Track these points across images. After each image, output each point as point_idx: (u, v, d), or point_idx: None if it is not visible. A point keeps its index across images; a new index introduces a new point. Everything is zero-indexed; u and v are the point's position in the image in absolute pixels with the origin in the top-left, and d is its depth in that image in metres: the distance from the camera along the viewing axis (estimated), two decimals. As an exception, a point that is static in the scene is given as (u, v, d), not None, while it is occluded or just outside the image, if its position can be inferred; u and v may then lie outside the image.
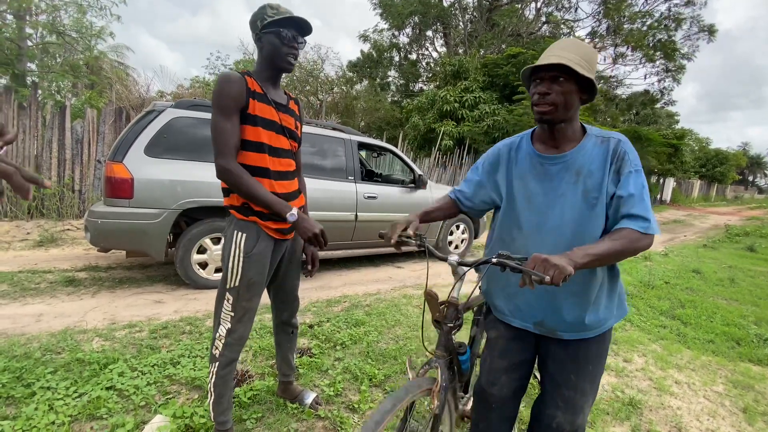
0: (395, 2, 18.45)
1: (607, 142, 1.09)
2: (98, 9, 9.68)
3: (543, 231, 1.13)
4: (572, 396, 1.16)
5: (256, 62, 1.46)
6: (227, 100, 1.31)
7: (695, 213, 18.92)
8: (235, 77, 1.33)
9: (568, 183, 1.10)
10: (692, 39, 17.89)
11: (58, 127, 5.53)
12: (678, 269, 5.65)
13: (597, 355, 1.18)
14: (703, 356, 2.86)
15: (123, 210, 3.08)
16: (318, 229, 1.39)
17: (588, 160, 1.09)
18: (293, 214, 1.35)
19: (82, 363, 2.06)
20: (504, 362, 1.26)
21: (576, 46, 1.06)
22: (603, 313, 1.15)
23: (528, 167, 1.18)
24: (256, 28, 1.38)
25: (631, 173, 1.05)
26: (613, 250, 0.98)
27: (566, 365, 1.18)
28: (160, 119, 3.21)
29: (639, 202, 1.02)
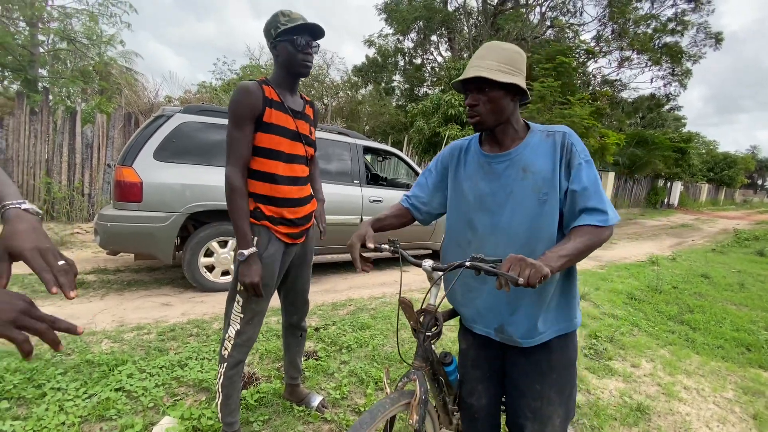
0: (400, 8, 18.57)
1: (552, 135, 1.09)
2: (109, 17, 9.85)
3: (497, 230, 1.11)
4: (538, 406, 1.14)
5: (273, 69, 1.48)
6: (241, 111, 1.35)
7: (703, 217, 18.71)
8: (252, 88, 1.36)
9: (516, 180, 1.09)
10: (699, 45, 17.79)
11: (68, 131, 5.62)
12: (686, 274, 5.59)
13: (561, 363, 1.16)
14: (713, 362, 2.83)
15: (132, 213, 3.12)
16: (250, 280, 1.35)
17: (534, 155, 1.08)
18: (242, 253, 1.34)
19: (91, 364, 2.08)
20: (477, 372, 1.26)
21: (496, 52, 1.05)
22: (556, 317, 1.13)
23: (476, 168, 1.17)
24: (270, 36, 1.41)
25: (582, 165, 1.04)
26: (583, 246, 0.97)
27: (529, 374, 1.16)
28: (169, 124, 3.26)
29: (594, 194, 1.01)
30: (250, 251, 1.36)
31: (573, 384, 1.19)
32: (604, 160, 12.26)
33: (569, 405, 1.19)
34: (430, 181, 1.30)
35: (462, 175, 1.20)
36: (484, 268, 0.93)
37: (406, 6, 18.40)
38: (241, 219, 1.37)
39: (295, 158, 1.50)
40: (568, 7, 18.71)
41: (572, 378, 1.19)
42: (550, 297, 1.11)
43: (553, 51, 12.73)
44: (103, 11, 9.81)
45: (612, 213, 1.02)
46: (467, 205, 1.17)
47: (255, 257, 1.37)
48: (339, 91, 17.85)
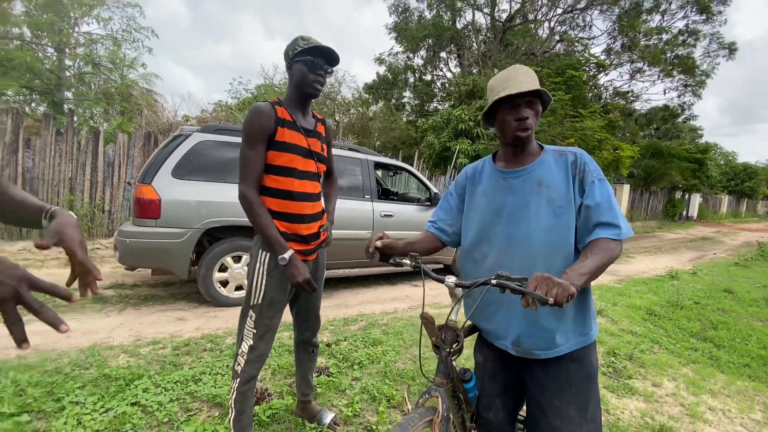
0: (409, 27, 18.96)
1: (565, 155, 1.15)
2: (131, 42, 10.34)
3: (514, 242, 1.14)
4: (558, 425, 1.12)
5: (288, 90, 1.54)
6: (254, 131, 1.40)
7: (724, 229, 18.16)
8: (265, 109, 1.42)
9: (531, 194, 1.13)
10: (712, 56, 17.63)
11: (92, 151, 5.85)
12: (708, 289, 5.42)
13: (580, 377, 1.14)
14: (739, 381, 2.72)
15: (150, 230, 3.21)
16: (302, 278, 1.41)
17: (548, 171, 1.14)
18: (284, 258, 1.39)
19: (108, 378, 2.12)
20: (495, 386, 1.26)
21: (528, 73, 1.14)
22: (573, 329, 1.14)
23: (492, 183, 1.23)
24: (288, 57, 1.48)
25: (594, 182, 1.09)
26: (600, 263, 1.00)
27: (548, 389, 1.15)
28: (187, 143, 3.37)
29: (607, 209, 1.05)
30: (290, 254, 1.40)
31: (595, 402, 1.16)
32: (619, 173, 12.09)
33: (593, 427, 1.14)
34: (453, 204, 1.35)
35: (478, 191, 1.26)
36: (511, 287, 0.94)
37: (416, 25, 18.79)
38: (269, 228, 1.40)
39: (308, 175, 1.54)
40: (576, 21, 18.83)
41: (593, 395, 1.16)
42: (566, 310, 1.11)
43: (563, 65, 12.78)
44: (126, 37, 10.29)
45: (625, 227, 1.05)
46: (484, 219, 1.21)
47: (295, 258, 1.42)
48: (350, 108, 18.17)
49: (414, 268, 1.22)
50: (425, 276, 1.20)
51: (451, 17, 19.19)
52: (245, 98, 15.85)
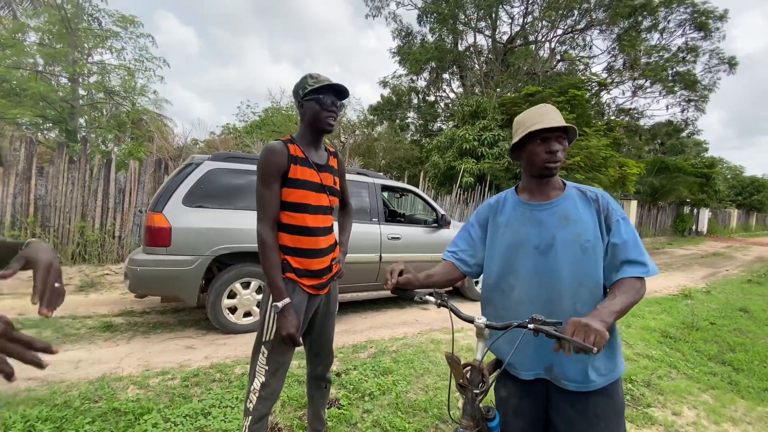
0: (413, 50, 19.42)
1: (586, 193, 1.20)
2: (144, 71, 10.68)
3: (541, 273, 1.16)
4: None
5: (300, 127, 1.58)
6: (269, 170, 1.44)
7: (735, 244, 17.87)
8: (278, 148, 1.46)
9: (559, 227, 1.16)
10: (712, 71, 17.78)
11: (103, 178, 5.97)
12: (723, 308, 5.30)
13: (608, 412, 1.14)
14: (759, 407, 2.63)
15: (161, 258, 3.24)
16: (287, 332, 1.40)
17: (574, 206, 1.18)
18: (277, 306, 1.41)
19: (118, 413, 2.10)
20: (520, 422, 1.23)
21: (557, 111, 1.20)
22: (605, 365, 1.14)
23: (517, 216, 1.24)
24: (299, 96, 1.52)
25: (620, 222, 1.13)
26: (629, 302, 1.02)
27: (575, 423, 1.14)
28: (198, 171, 3.44)
29: (633, 247, 1.09)
30: (284, 303, 1.41)
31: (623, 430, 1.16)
32: (625, 189, 12.05)
33: None
34: (474, 235, 1.34)
35: (502, 223, 1.27)
36: (549, 332, 0.94)
37: (419, 48, 19.24)
38: (274, 272, 1.42)
39: (321, 209, 1.57)
40: (577, 41, 19.17)
41: (621, 428, 1.15)
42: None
43: (565, 84, 12.94)
44: (138, 66, 10.63)
45: (651, 265, 1.08)
46: (509, 250, 1.22)
47: (290, 308, 1.42)
48: (356, 130, 18.46)
49: (439, 306, 1.20)
50: (453, 315, 1.19)
51: (453, 40, 19.65)
52: (253, 121, 16.20)
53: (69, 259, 5.67)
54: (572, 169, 10.13)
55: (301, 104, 1.53)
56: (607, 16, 16.66)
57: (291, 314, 1.42)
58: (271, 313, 1.46)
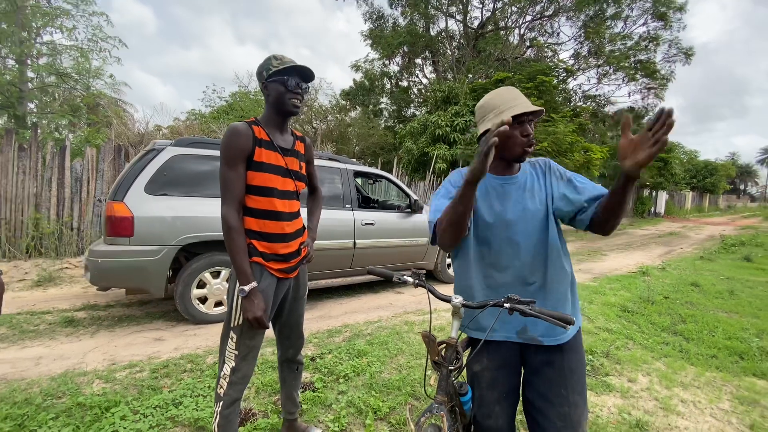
0: (384, 34, 19.16)
1: (537, 164, 1.33)
2: (98, 52, 10.00)
3: (512, 244, 1.24)
4: (567, 412, 1.20)
5: (265, 109, 1.54)
6: (233, 152, 1.40)
7: (690, 224, 19.07)
8: (242, 129, 1.42)
9: (525, 198, 1.27)
10: (671, 60, 18.57)
11: (57, 166, 5.61)
12: (676, 283, 5.67)
13: (579, 362, 1.26)
14: (708, 372, 2.86)
15: (123, 248, 3.11)
16: (252, 315, 1.38)
17: (531, 179, 1.30)
18: (243, 289, 1.38)
19: (83, 407, 2.03)
20: (494, 393, 1.29)
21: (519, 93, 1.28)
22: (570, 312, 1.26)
23: (489, 190, 1.29)
24: (262, 78, 1.48)
25: (570, 176, 1.27)
26: None
27: (553, 380, 1.23)
28: (160, 157, 3.29)
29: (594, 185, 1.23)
30: (251, 286, 1.39)
31: (586, 385, 1.29)
32: (590, 174, 12.52)
33: (586, 404, 1.27)
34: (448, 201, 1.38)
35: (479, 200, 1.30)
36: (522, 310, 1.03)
37: (390, 32, 19.00)
38: (240, 256, 1.39)
39: (287, 194, 1.55)
40: (545, 28, 19.49)
41: (585, 380, 1.28)
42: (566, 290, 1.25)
43: (533, 71, 13.18)
44: (92, 47, 9.95)
45: None
46: (483, 224, 1.27)
47: (256, 292, 1.41)
48: (328, 115, 18.14)
49: (417, 286, 1.27)
50: (431, 294, 1.24)
51: (425, 24, 19.52)
52: (220, 106, 15.59)
53: (24, 253, 5.34)
54: (540, 154, 10.41)
55: (265, 86, 1.49)
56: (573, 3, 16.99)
57: (257, 297, 1.40)
58: (238, 297, 1.44)
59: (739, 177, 66.77)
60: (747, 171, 73.09)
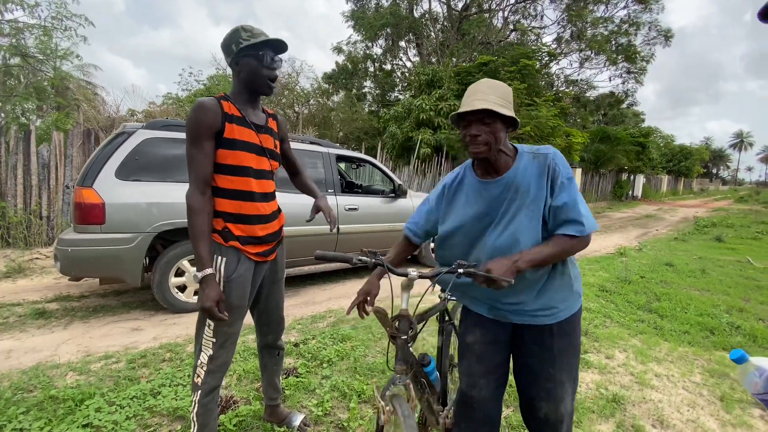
0: (367, 15, 18.71)
1: (539, 157, 1.22)
2: (63, 30, 9.41)
3: (496, 247, 1.23)
4: (552, 387, 1.26)
5: (234, 85, 1.44)
6: (198, 128, 1.30)
7: (665, 207, 19.69)
8: (209, 105, 1.32)
9: (509, 200, 1.22)
10: (651, 44, 18.80)
11: (22, 152, 5.32)
12: (652, 263, 5.85)
13: (569, 346, 1.28)
14: (680, 347, 2.96)
15: (95, 236, 2.98)
16: (205, 305, 1.28)
17: (523, 177, 1.21)
18: (197, 275, 1.30)
19: (56, 400, 1.96)
20: (481, 367, 1.33)
21: (493, 88, 1.18)
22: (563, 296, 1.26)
23: (472, 193, 1.29)
24: (231, 51, 1.37)
25: (563, 183, 1.17)
26: (548, 253, 1.15)
27: (543, 359, 1.27)
28: (131, 141, 3.14)
29: (572, 208, 1.15)
30: (204, 273, 1.30)
31: (578, 362, 1.32)
32: (571, 158, 12.70)
33: (575, 385, 1.31)
34: (425, 209, 1.43)
35: (459, 202, 1.32)
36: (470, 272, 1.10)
37: (373, 13, 18.57)
38: (198, 239, 1.31)
39: (262, 173, 1.47)
40: (529, 11, 19.40)
41: (577, 358, 1.31)
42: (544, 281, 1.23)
43: (516, 54, 13.14)
44: (57, 25, 9.37)
45: (588, 224, 1.15)
46: (469, 226, 1.28)
47: (211, 280, 1.31)
48: (310, 99, 17.75)
49: (374, 267, 1.30)
50: (389, 272, 1.26)
51: (408, 6, 19.15)
52: (197, 90, 15.03)
53: (-11, 244, 5.09)
54: (522, 138, 10.47)
55: (235, 61, 1.39)
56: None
57: (211, 286, 1.30)
58: (218, 282, 1.38)
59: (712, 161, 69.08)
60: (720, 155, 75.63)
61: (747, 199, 26.56)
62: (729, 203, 23.73)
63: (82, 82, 11.68)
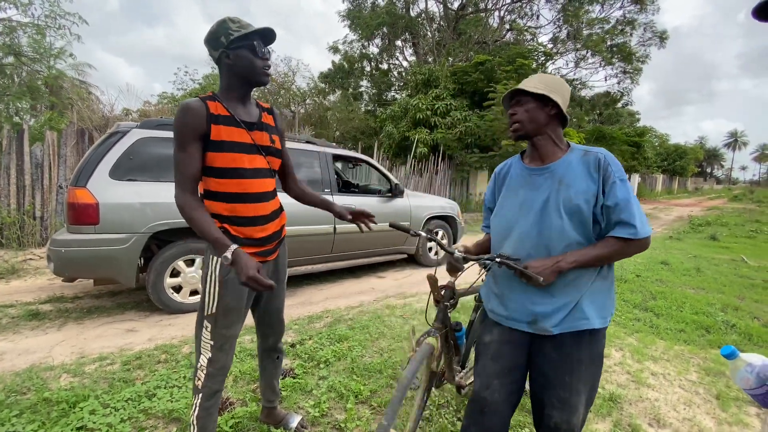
0: (363, 14, 18.67)
1: (589, 155, 1.22)
2: (57, 29, 9.29)
3: (533, 235, 1.25)
4: (567, 397, 1.21)
5: (224, 81, 1.38)
6: (183, 131, 1.27)
7: (660, 206, 19.82)
8: (193, 106, 1.28)
9: (552, 191, 1.23)
10: (646, 44, 18.89)
11: (15, 151, 5.26)
12: (647, 262, 5.88)
13: (591, 357, 1.23)
14: (676, 346, 2.98)
15: (88, 237, 2.95)
16: (252, 271, 1.19)
17: (571, 170, 1.22)
18: (227, 257, 1.22)
19: (49, 403, 1.94)
20: (496, 366, 1.31)
21: (539, 78, 1.29)
22: (594, 311, 1.22)
23: (519, 180, 1.35)
24: (221, 44, 1.31)
25: (616, 183, 1.16)
26: (600, 255, 1.17)
27: (560, 367, 1.23)
28: (125, 140, 3.11)
29: (625, 209, 1.14)
30: (232, 250, 1.22)
31: (599, 375, 1.29)
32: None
33: (593, 394, 1.29)
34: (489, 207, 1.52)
35: (507, 189, 1.39)
36: (508, 264, 1.20)
37: (369, 12, 18.53)
38: (206, 227, 1.26)
39: (258, 172, 1.42)
40: (525, 11, 19.43)
41: (599, 370, 1.28)
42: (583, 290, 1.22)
43: (513, 53, 13.15)
44: (50, 23, 9.27)
45: (641, 227, 1.14)
46: (510, 213, 1.33)
47: (240, 252, 1.23)
48: (306, 98, 17.70)
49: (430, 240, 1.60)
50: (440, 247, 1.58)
51: (405, 5, 19.12)
52: (192, 89, 14.95)
53: (-18, 245, 5.03)
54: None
55: (226, 54, 1.32)
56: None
57: (245, 256, 1.22)
58: (212, 283, 1.37)
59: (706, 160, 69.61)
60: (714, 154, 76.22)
61: (741, 198, 26.78)
62: (723, 202, 23.93)
63: (76, 81, 11.57)
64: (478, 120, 12.00)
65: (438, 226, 5.39)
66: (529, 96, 1.25)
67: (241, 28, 1.31)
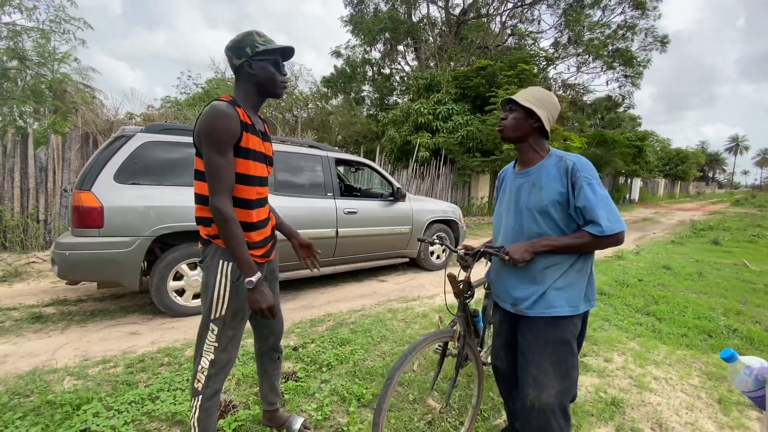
0: (365, 19, 18.81)
1: (563, 161, 1.38)
2: (61, 34, 9.39)
3: (513, 231, 1.48)
4: (536, 374, 1.37)
5: (241, 89, 1.41)
6: (222, 136, 1.27)
7: (662, 210, 19.78)
8: (230, 111, 1.29)
9: (528, 193, 1.43)
10: (647, 49, 18.96)
11: (20, 155, 5.31)
12: (650, 266, 5.87)
13: (556, 339, 1.37)
14: (678, 350, 2.97)
15: (93, 240, 2.97)
16: (266, 305, 1.32)
17: (545, 175, 1.39)
18: (251, 281, 1.30)
19: (53, 405, 1.95)
20: (500, 340, 1.62)
21: (532, 91, 1.46)
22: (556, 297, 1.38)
23: (508, 182, 1.56)
24: (245, 54, 1.35)
25: (583, 187, 1.31)
26: (570, 243, 1.34)
27: (531, 345, 1.41)
28: (130, 144, 3.14)
29: (591, 210, 1.30)
30: (257, 277, 1.31)
31: (570, 364, 1.38)
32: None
33: (566, 383, 1.37)
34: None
35: (501, 190, 1.61)
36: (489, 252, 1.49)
37: (371, 18, 18.66)
38: (241, 247, 1.30)
39: (263, 181, 1.49)
40: (526, 16, 19.54)
41: (568, 357, 1.38)
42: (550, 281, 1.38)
43: (514, 58, 13.21)
44: (55, 28, 9.37)
45: (607, 225, 1.28)
46: (501, 210, 1.58)
47: (262, 282, 1.34)
48: (308, 103, 17.78)
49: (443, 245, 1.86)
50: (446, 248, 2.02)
51: (407, 10, 19.25)
52: (195, 93, 15.05)
53: (-14, 248, 5.06)
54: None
55: (249, 64, 1.37)
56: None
57: (265, 287, 1.34)
58: (223, 287, 1.38)
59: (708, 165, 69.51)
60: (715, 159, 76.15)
61: (743, 203, 26.71)
62: (725, 206, 23.86)
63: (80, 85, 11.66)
64: (479, 124, 12.03)
65: (440, 229, 5.40)
66: (519, 106, 1.42)
67: (266, 43, 1.37)
